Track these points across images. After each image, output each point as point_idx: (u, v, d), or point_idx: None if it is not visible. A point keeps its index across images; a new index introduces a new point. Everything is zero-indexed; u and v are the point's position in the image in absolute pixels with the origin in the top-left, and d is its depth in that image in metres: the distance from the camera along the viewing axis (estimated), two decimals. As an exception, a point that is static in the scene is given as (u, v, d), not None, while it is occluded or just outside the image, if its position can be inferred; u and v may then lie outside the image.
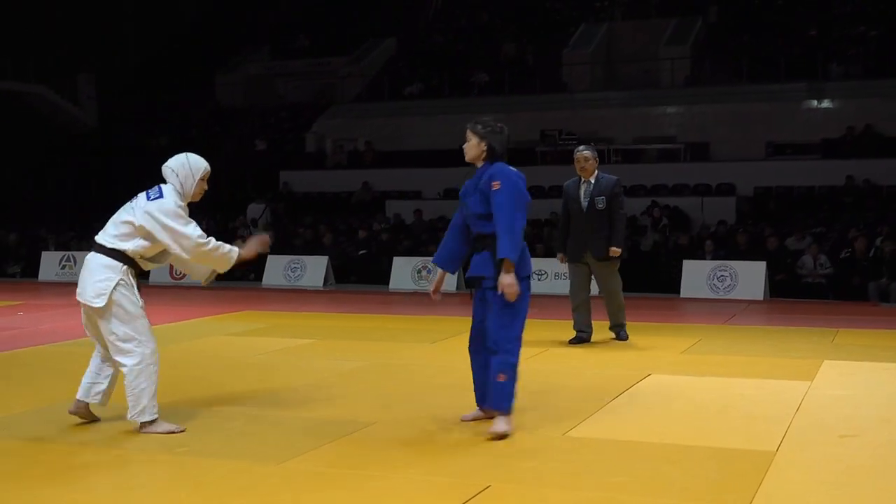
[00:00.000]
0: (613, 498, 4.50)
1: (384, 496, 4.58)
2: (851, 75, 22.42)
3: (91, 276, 5.69)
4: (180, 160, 5.93)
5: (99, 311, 5.66)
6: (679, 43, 24.88)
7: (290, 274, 17.14)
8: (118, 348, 5.69)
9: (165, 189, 5.84)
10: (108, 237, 5.77)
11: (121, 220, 5.80)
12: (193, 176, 5.87)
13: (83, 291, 5.71)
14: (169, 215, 5.71)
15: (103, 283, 5.65)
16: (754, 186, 20.27)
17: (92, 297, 5.65)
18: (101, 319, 5.69)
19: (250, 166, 25.65)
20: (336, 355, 8.81)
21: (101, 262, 5.71)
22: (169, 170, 5.91)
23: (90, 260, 5.77)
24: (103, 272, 5.67)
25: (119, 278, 5.68)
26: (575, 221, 9.23)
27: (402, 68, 27.87)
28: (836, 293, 14.31)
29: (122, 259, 5.72)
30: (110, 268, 5.69)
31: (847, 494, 4.55)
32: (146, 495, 4.64)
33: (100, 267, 5.70)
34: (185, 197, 5.86)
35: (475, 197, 5.79)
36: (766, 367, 7.93)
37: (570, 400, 6.57)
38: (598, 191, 9.11)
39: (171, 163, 5.93)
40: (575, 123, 23.21)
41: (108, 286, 5.64)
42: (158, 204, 5.75)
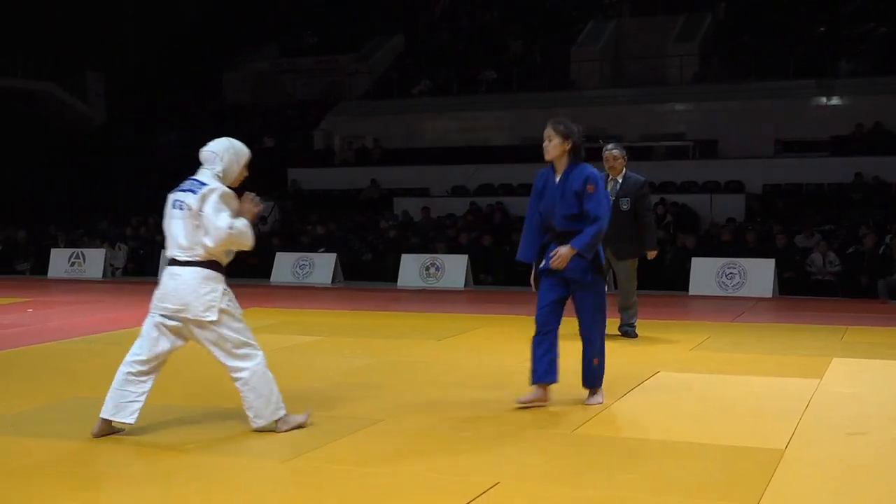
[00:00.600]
0: (622, 495, 4.49)
1: (391, 493, 4.58)
2: (860, 72, 22.35)
3: (194, 291, 5.54)
4: (224, 144, 5.75)
5: (209, 324, 5.57)
6: (687, 40, 24.83)
7: (298, 271, 17.15)
8: (234, 355, 5.64)
9: (205, 177, 5.67)
10: (198, 252, 5.58)
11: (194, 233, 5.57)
12: (238, 161, 5.75)
13: (186, 306, 5.56)
14: (210, 203, 5.52)
15: (209, 295, 5.55)
16: (763, 184, 20.23)
17: (202, 311, 5.54)
18: (208, 332, 5.60)
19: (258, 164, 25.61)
20: (344, 352, 8.81)
21: (200, 274, 5.57)
22: (210, 153, 5.72)
23: (184, 273, 5.58)
24: (207, 284, 5.57)
25: (223, 288, 5.64)
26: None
27: (410, 66, 27.86)
28: (846, 291, 14.27)
29: (217, 268, 5.64)
30: (211, 279, 5.60)
31: (855, 492, 4.54)
32: (153, 492, 4.64)
33: (201, 280, 5.57)
34: (226, 181, 5.71)
35: (566, 199, 6.04)
36: (774, 365, 7.91)
37: (578, 397, 6.56)
38: (624, 191, 9.13)
39: (213, 146, 5.75)
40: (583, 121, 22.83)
41: (215, 297, 5.56)
42: (209, 189, 5.56)
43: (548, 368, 6.18)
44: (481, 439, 5.55)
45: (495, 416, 6.12)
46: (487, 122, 24.78)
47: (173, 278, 5.61)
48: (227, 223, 5.49)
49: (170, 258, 5.69)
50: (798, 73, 22.61)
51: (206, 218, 5.49)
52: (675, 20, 25.79)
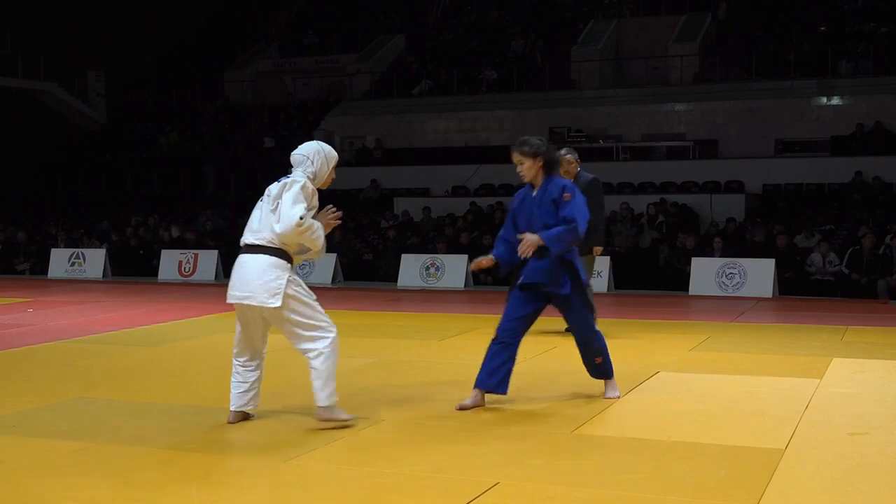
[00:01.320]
0: (622, 495, 4.50)
1: (392, 493, 4.58)
2: (861, 72, 22.35)
3: (259, 277, 5.62)
4: (314, 147, 5.87)
5: (276, 311, 5.64)
6: (688, 40, 24.84)
7: (298, 271, 17.10)
8: (304, 338, 5.72)
9: (295, 174, 5.81)
10: (265, 236, 5.69)
11: (267, 218, 5.71)
12: (328, 164, 5.88)
13: (252, 293, 5.64)
14: (291, 191, 5.64)
15: (275, 282, 5.61)
16: (763, 184, 20.24)
17: (267, 297, 5.61)
18: (278, 318, 5.69)
19: (259, 163, 25.68)
20: (344, 352, 8.73)
21: (266, 261, 5.65)
22: (301, 156, 5.84)
23: (250, 261, 5.69)
24: (272, 271, 5.63)
25: (288, 275, 5.68)
26: None
27: (411, 65, 27.86)
28: (845, 291, 14.27)
29: (283, 256, 5.70)
30: (277, 266, 5.65)
31: (856, 492, 4.54)
32: (153, 492, 4.64)
33: (267, 267, 5.64)
34: (317, 183, 5.83)
35: (544, 208, 6.10)
36: (774, 365, 7.91)
37: (579, 397, 6.57)
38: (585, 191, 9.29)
39: (302, 149, 5.87)
40: (584, 121, 23.21)
41: (280, 284, 5.61)
42: (293, 180, 5.71)
43: (502, 380, 6.22)
44: (481, 439, 5.55)
45: (495, 416, 6.13)
46: (488, 122, 24.79)
47: (240, 267, 5.75)
48: (300, 213, 5.57)
49: (241, 244, 5.83)
50: (798, 73, 22.62)
51: (283, 204, 5.61)
52: (676, 20, 25.81)
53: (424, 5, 30.87)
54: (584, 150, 22.81)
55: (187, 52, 32.93)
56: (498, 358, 6.21)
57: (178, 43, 33.75)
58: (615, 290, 14.95)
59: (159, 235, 19.94)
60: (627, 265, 15.83)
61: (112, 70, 31.34)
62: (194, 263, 17.82)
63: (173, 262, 18.05)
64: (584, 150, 22.81)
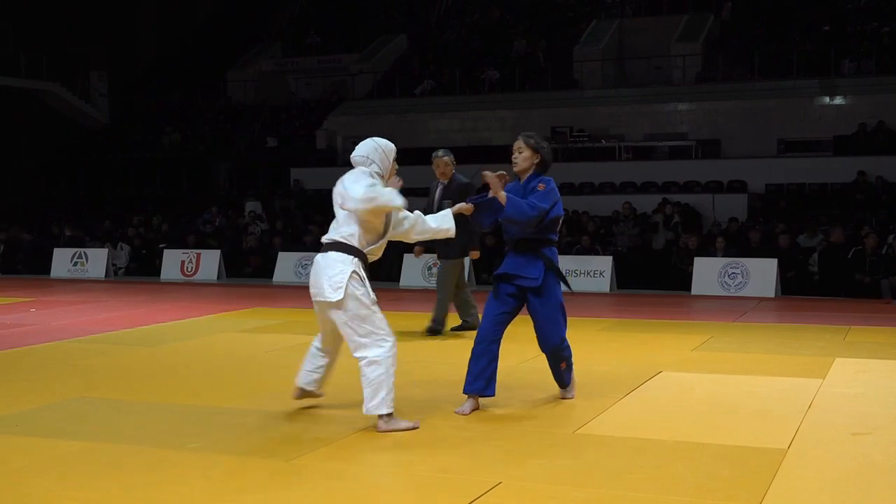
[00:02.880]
0: (624, 495, 4.49)
1: (393, 493, 4.58)
2: (864, 71, 22.32)
3: (325, 272, 5.74)
4: (371, 145, 6.02)
5: (336, 305, 5.69)
6: (690, 39, 24.81)
7: (300, 271, 17.14)
8: (356, 343, 5.73)
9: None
10: (335, 233, 5.85)
11: (338, 213, 5.89)
12: (388, 157, 6.06)
13: (320, 288, 5.75)
14: (350, 176, 5.85)
15: (338, 276, 5.69)
16: (766, 183, 20.21)
17: (329, 291, 5.69)
18: (337, 313, 5.73)
19: (261, 163, 25.70)
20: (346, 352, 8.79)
21: (333, 257, 5.77)
22: (361, 157, 5.98)
23: (320, 259, 5.83)
24: (336, 266, 5.72)
25: (352, 270, 5.71)
26: None
27: (413, 65, 27.86)
28: (848, 291, 14.24)
29: (350, 251, 5.77)
30: (342, 261, 5.73)
31: (859, 492, 4.53)
32: (155, 491, 4.64)
33: (332, 262, 5.75)
34: (384, 178, 6.01)
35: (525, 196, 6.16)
36: (777, 365, 7.90)
37: (581, 397, 6.56)
38: (448, 194, 9.65)
39: (360, 150, 6.01)
40: (586, 120, 23.19)
41: (342, 279, 5.67)
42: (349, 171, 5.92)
43: (488, 381, 6.19)
44: (483, 439, 5.54)
45: (498, 416, 6.12)
46: (490, 122, 24.77)
47: (313, 265, 5.91)
48: (365, 183, 5.72)
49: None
50: (801, 72, 22.59)
51: (346, 189, 5.78)
52: (678, 20, 25.78)
53: (426, 5, 30.86)
54: (587, 150, 23.08)
55: (189, 51, 32.94)
56: (482, 360, 6.18)
57: (181, 43, 33.77)
58: (617, 290, 14.94)
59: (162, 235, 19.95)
60: (630, 265, 15.80)
61: (114, 70, 31.35)
62: (196, 263, 17.81)
63: (176, 261, 18.05)
64: (587, 150, 23.08)
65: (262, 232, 19.71)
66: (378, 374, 5.65)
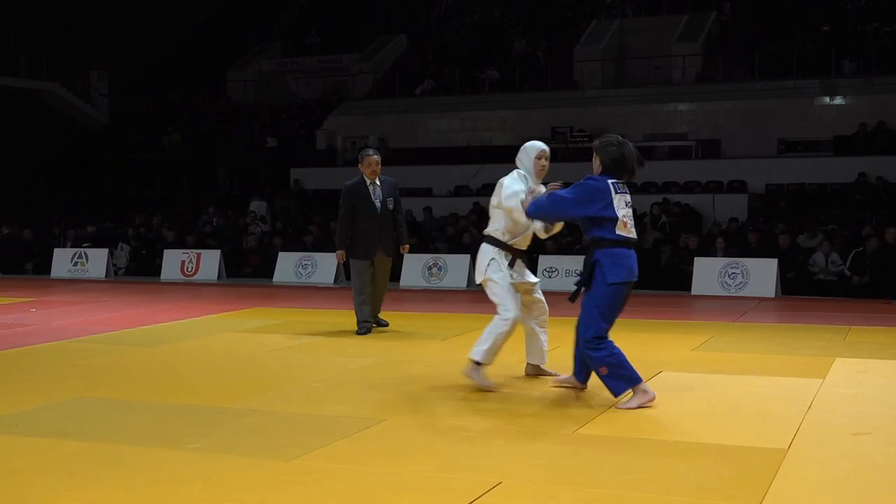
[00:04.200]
0: (624, 495, 4.49)
1: (394, 493, 4.58)
2: (864, 72, 22.31)
3: (478, 259, 7.03)
4: (521, 149, 7.12)
5: (482, 284, 6.99)
6: (691, 39, 24.81)
7: (300, 271, 17.15)
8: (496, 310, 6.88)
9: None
10: (488, 227, 7.10)
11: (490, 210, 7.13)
12: (529, 155, 7.03)
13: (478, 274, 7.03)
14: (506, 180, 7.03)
15: (481, 264, 6.98)
16: (766, 184, 20.21)
17: (477, 275, 7.05)
18: (485, 291, 6.96)
19: (261, 163, 25.70)
20: (347, 352, 8.82)
21: (482, 248, 7.04)
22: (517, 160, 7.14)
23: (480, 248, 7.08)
24: (485, 255, 6.99)
25: (491, 258, 6.94)
26: (366, 221, 9.90)
27: (414, 65, 27.86)
28: (848, 291, 14.24)
29: (493, 243, 7.00)
30: (486, 251, 7.00)
31: (859, 492, 4.53)
32: (155, 492, 4.64)
33: (481, 252, 7.04)
34: (535, 175, 7.03)
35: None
36: (777, 365, 7.90)
37: (581, 397, 6.56)
38: (387, 192, 9.95)
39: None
40: (586, 120, 23.19)
41: (483, 265, 6.96)
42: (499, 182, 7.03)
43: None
44: (484, 439, 5.55)
45: (498, 416, 6.12)
46: (490, 122, 24.78)
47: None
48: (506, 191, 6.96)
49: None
50: (801, 72, 22.59)
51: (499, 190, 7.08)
52: (679, 20, 25.78)
53: (426, 5, 30.86)
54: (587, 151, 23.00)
55: (190, 51, 32.94)
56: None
57: (181, 43, 33.77)
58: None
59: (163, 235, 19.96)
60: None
61: (115, 70, 31.35)
62: (197, 263, 17.82)
63: (176, 261, 18.05)
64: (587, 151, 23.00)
65: (263, 232, 19.72)
66: (491, 329, 6.79)
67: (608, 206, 6.28)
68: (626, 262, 6.32)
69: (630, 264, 6.34)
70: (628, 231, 6.34)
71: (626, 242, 6.33)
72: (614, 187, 6.33)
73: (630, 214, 6.40)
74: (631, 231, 6.37)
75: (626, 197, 6.39)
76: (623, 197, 6.37)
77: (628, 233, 6.34)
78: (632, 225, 6.41)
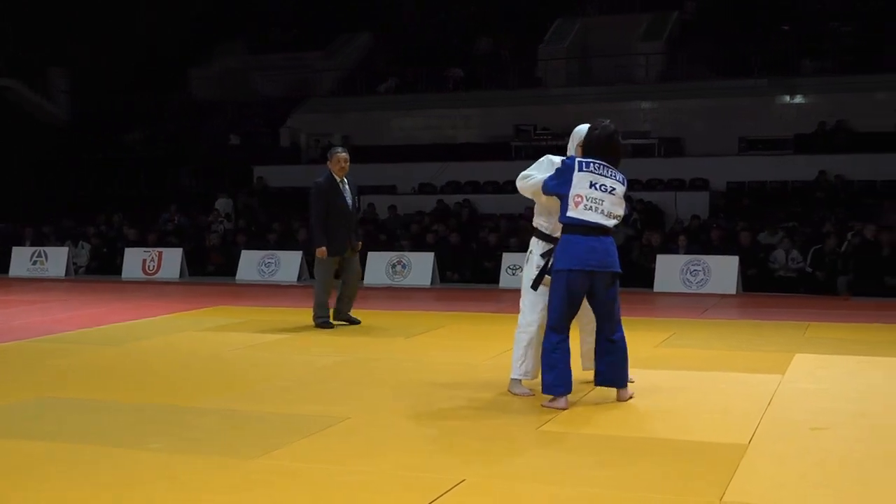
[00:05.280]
0: (588, 492, 4.52)
1: (358, 491, 4.58)
2: (824, 71, 22.56)
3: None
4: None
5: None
6: (654, 38, 24.96)
7: (263, 269, 17.07)
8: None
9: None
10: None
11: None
12: (573, 141, 6.58)
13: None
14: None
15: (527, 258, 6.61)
16: (728, 181, 20.39)
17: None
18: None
19: (224, 161, 25.53)
20: (311, 350, 8.80)
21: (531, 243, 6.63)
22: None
23: None
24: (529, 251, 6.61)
25: (532, 248, 6.57)
26: (340, 218, 10.06)
27: (378, 63, 27.82)
28: (808, 287, 14.41)
29: (536, 234, 6.59)
30: (531, 244, 6.61)
31: (818, 487, 4.59)
32: (119, 492, 4.61)
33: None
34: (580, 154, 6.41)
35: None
36: (738, 361, 7.98)
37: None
38: (354, 190, 10.25)
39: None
40: (549, 118, 23.25)
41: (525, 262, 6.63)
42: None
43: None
44: (448, 436, 5.56)
45: (462, 414, 6.14)
46: (455, 120, 24.79)
47: None
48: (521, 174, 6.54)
49: None
50: (762, 71, 22.79)
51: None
52: (642, 18, 25.91)
53: (391, 3, 30.81)
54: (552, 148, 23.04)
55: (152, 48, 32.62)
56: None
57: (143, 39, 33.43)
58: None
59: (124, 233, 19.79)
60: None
61: (76, 67, 30.99)
62: (158, 261, 17.68)
63: (137, 260, 17.91)
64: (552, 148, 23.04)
65: (226, 230, 19.60)
66: (518, 340, 6.51)
67: (565, 182, 6.09)
68: (572, 249, 6.06)
69: (577, 252, 6.04)
70: (580, 213, 6.03)
71: (579, 227, 6.05)
72: (580, 164, 6.09)
73: (599, 198, 6.07)
74: (588, 214, 6.04)
75: (599, 179, 6.10)
76: (589, 176, 6.08)
77: (581, 214, 6.04)
78: (598, 208, 6.06)
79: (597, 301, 6.26)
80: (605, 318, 6.33)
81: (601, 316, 6.33)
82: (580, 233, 6.07)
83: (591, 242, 6.08)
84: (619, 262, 6.30)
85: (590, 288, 6.18)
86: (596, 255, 6.09)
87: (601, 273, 6.14)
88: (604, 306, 6.29)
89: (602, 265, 6.13)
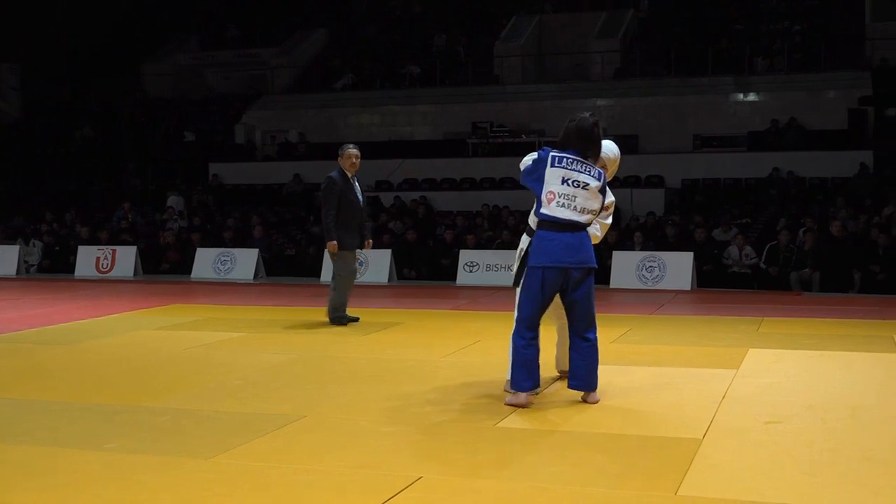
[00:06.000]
0: (545, 487, 4.53)
1: (314, 489, 4.55)
2: (776, 69, 22.86)
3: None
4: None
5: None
6: (609, 36, 25.13)
7: (219, 267, 16.95)
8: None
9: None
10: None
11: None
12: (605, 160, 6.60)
13: None
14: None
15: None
16: (682, 178, 20.57)
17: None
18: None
19: (179, 158, 25.30)
20: (267, 348, 8.74)
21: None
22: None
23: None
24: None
25: (519, 248, 6.41)
26: (352, 214, 10.11)
27: (334, 60, 27.72)
28: (761, 283, 14.59)
29: (527, 231, 6.39)
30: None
31: (772, 479, 4.64)
32: (70, 494, 4.54)
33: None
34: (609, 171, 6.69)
35: None
36: (693, 356, 8.05)
37: (502, 391, 6.59)
38: (361, 187, 10.44)
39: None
40: (506, 116, 23.34)
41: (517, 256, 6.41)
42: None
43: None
44: (405, 434, 5.55)
45: (419, 411, 6.13)
46: (411, 117, 24.79)
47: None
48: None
49: None
50: (716, 70, 23.04)
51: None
52: (598, 16, 26.09)
53: None
54: (508, 145, 23.21)
55: (105, 44, 32.25)
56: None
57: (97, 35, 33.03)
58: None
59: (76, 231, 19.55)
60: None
61: (27, 63, 30.54)
62: (112, 260, 17.49)
63: (90, 258, 17.69)
64: (508, 145, 23.21)
65: (180, 227, 19.43)
66: (510, 351, 6.26)
67: (539, 178, 6.05)
68: (545, 245, 6.01)
69: (551, 248, 5.99)
70: (553, 209, 5.99)
71: (552, 224, 6.01)
72: (553, 159, 6.04)
73: (571, 194, 6.00)
74: (559, 211, 5.99)
75: (572, 174, 6.02)
76: (561, 172, 6.01)
77: (553, 211, 5.99)
78: (570, 205, 5.99)
79: (572, 298, 6.13)
80: (580, 317, 6.17)
81: (576, 314, 6.17)
82: (554, 229, 6.03)
83: (566, 239, 6.03)
84: (594, 257, 6.20)
85: (564, 285, 6.09)
86: (570, 251, 6.04)
87: (576, 269, 6.07)
88: (579, 304, 6.14)
89: (578, 262, 6.06)
